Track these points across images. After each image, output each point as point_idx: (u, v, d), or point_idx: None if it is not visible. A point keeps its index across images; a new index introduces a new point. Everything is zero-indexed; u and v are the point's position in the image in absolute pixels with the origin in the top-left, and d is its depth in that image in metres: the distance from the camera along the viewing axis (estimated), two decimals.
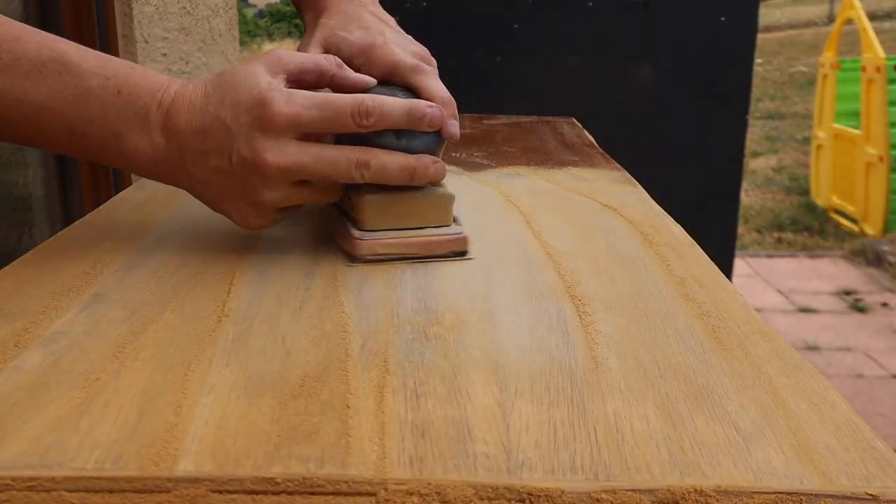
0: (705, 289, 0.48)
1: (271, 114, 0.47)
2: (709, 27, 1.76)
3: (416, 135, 0.51)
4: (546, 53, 1.78)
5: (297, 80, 0.50)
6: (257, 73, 0.49)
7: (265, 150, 0.48)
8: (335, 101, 0.49)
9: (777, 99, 7.16)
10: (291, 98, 0.48)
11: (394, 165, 0.50)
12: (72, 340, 0.39)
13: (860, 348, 2.67)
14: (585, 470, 0.30)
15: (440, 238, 0.52)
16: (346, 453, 0.30)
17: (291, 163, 0.48)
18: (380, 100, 0.49)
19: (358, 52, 0.56)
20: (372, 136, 0.50)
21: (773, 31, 9.99)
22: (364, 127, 0.49)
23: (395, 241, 0.51)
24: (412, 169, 0.51)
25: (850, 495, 0.29)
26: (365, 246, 0.51)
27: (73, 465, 0.29)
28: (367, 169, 0.49)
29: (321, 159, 0.49)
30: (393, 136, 0.50)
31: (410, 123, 0.50)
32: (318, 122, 0.48)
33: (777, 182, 4.83)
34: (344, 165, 0.49)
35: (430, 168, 0.51)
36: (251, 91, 0.48)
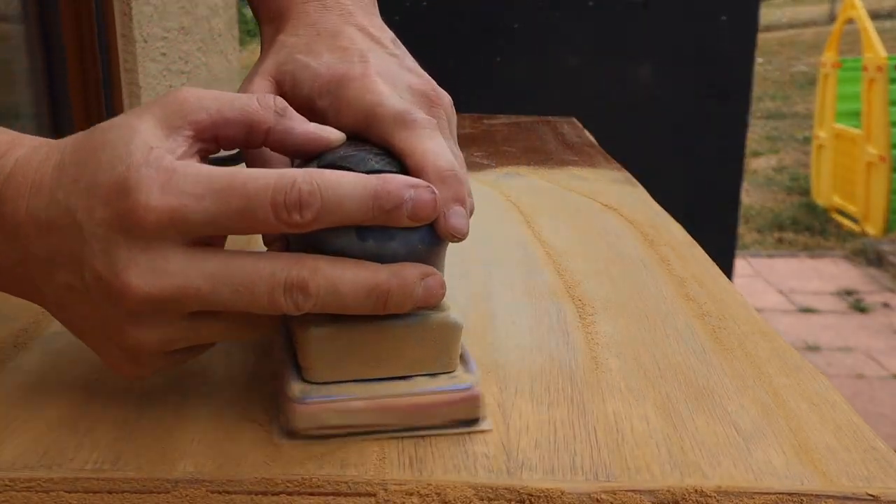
0: (705, 289, 0.48)
1: (136, 208, 0.30)
2: (709, 27, 1.76)
3: (393, 233, 0.32)
4: (546, 53, 1.78)
5: (211, 137, 0.33)
6: (138, 132, 0.31)
7: (126, 269, 0.30)
8: (245, 185, 0.30)
9: (778, 99, 7.16)
10: (171, 182, 0.30)
11: (351, 286, 0.31)
12: (72, 340, 0.39)
13: (861, 348, 2.66)
14: (585, 470, 0.30)
15: (435, 397, 0.33)
16: (345, 453, 0.30)
17: (172, 288, 0.30)
18: (324, 178, 0.30)
19: (324, 89, 0.38)
20: (324, 234, 0.31)
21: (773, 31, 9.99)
22: (297, 226, 0.30)
23: (361, 404, 0.32)
24: (384, 291, 0.31)
25: (851, 496, 0.29)
26: (307, 414, 0.32)
27: (72, 466, 0.29)
28: (305, 294, 0.30)
29: (225, 281, 0.30)
30: (354, 236, 0.31)
31: (379, 217, 0.31)
32: (215, 220, 0.30)
33: (778, 182, 4.83)
34: (264, 289, 0.30)
35: (417, 287, 0.32)
36: (115, 167, 0.30)
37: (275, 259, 0.31)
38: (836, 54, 4.10)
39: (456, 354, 0.34)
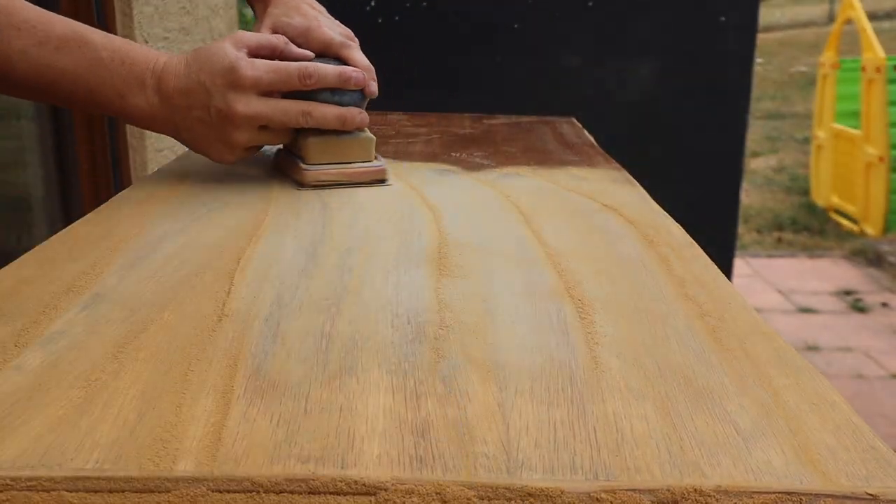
0: (705, 289, 0.48)
1: (240, 76, 0.64)
2: (709, 27, 1.76)
3: (346, 92, 0.70)
4: (546, 53, 1.78)
5: (255, 53, 0.67)
6: (226, 47, 0.66)
7: (236, 103, 0.65)
8: (286, 67, 0.67)
9: (777, 99, 7.16)
10: (254, 65, 0.65)
11: (330, 114, 0.69)
12: (72, 340, 0.39)
13: (860, 348, 2.67)
14: (585, 470, 0.30)
15: (365, 170, 0.71)
16: (346, 453, 0.30)
17: (256, 112, 0.66)
18: (318, 65, 0.68)
19: (299, 34, 0.73)
20: (313, 93, 0.68)
21: (773, 31, 9.98)
22: (307, 86, 0.68)
23: (332, 171, 0.70)
24: (343, 117, 0.69)
25: (850, 495, 0.29)
26: (310, 175, 0.69)
27: (72, 465, 0.29)
28: (311, 117, 0.68)
29: (277, 109, 0.67)
30: (329, 93, 0.69)
31: (341, 83, 0.69)
32: (274, 82, 0.66)
33: (777, 182, 4.83)
34: (293, 113, 0.67)
35: (357, 117, 0.70)
36: (223, 60, 0.65)
37: (299, 102, 0.68)
38: (835, 55, 4.11)
39: (373, 153, 0.72)
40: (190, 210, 0.61)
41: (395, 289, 0.47)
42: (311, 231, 0.57)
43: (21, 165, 1.23)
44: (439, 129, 1.02)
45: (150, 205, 0.63)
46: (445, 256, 0.52)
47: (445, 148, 0.89)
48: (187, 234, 0.56)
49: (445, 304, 0.44)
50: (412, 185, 0.72)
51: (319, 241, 0.55)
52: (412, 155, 0.85)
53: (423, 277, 0.49)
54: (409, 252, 0.53)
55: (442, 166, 0.80)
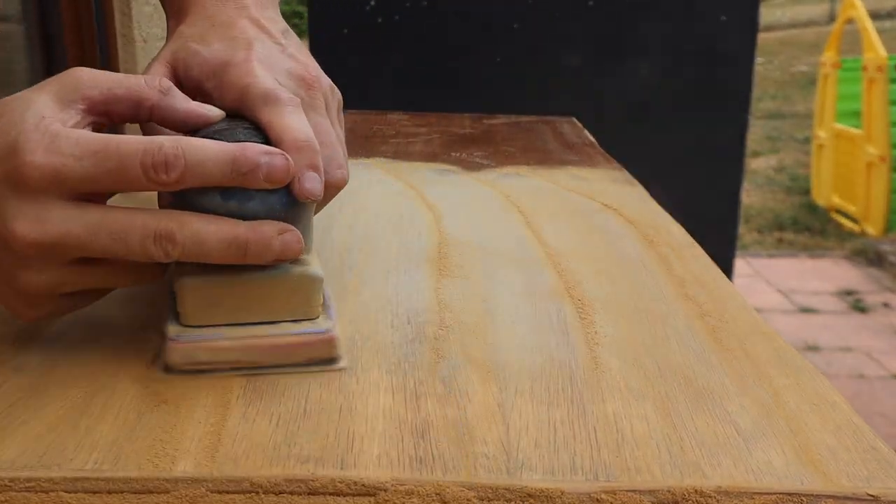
0: (705, 289, 0.48)
1: (23, 165, 0.34)
2: (709, 27, 1.76)
3: (252, 195, 0.36)
4: (546, 53, 1.78)
5: (103, 111, 0.38)
6: (34, 103, 0.36)
7: (14, 218, 0.35)
8: (118, 147, 0.35)
9: (778, 98, 7.16)
10: (54, 145, 0.35)
11: (213, 237, 0.35)
12: (71, 341, 0.39)
13: (861, 348, 2.66)
14: (585, 470, 0.30)
15: (295, 339, 0.37)
16: (345, 453, 0.30)
17: (54, 235, 0.35)
18: (187, 145, 0.35)
19: (210, 73, 0.43)
20: (193, 195, 0.36)
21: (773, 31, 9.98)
22: (164, 184, 0.35)
23: (227, 344, 0.37)
24: (242, 242, 0.36)
25: (851, 496, 0.29)
26: (179, 351, 0.36)
27: (71, 466, 0.29)
28: (172, 243, 0.35)
29: (101, 230, 0.35)
30: (218, 197, 0.36)
31: (237, 179, 0.36)
32: (92, 178, 0.35)
33: (778, 182, 4.83)
34: (136, 238, 0.35)
35: (275, 241, 0.36)
36: (9, 132, 0.35)
37: (147, 213, 0.36)
38: (836, 54, 4.10)
39: (317, 303, 0.38)
40: None
41: (395, 289, 0.47)
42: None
43: None
44: (439, 129, 1.02)
45: (150, 205, 0.63)
46: (445, 256, 0.52)
47: (445, 148, 0.89)
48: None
49: (445, 304, 0.44)
50: (412, 185, 0.72)
51: (320, 240, 0.55)
52: (412, 155, 0.85)
53: (423, 277, 0.48)
54: (409, 252, 0.53)
55: (442, 166, 0.80)
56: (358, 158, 0.82)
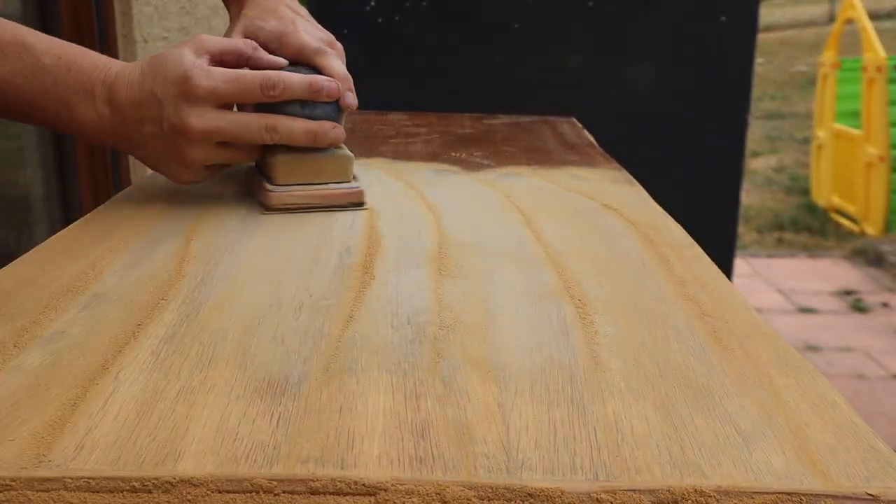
0: (705, 289, 0.48)
1: (193, 86, 0.57)
2: (709, 27, 1.76)
3: (318, 105, 0.61)
4: (546, 53, 1.78)
5: (219, 60, 0.60)
6: (184, 54, 0.58)
7: (189, 116, 0.57)
8: (246, 76, 0.59)
9: (777, 99, 7.16)
10: (210, 74, 0.58)
11: (299, 129, 0.61)
12: (71, 340, 0.39)
13: (861, 348, 2.67)
14: (585, 470, 0.30)
15: (339, 191, 0.62)
16: (346, 453, 0.30)
17: (211, 126, 0.58)
18: (284, 75, 0.60)
19: (272, 39, 0.66)
20: (282, 106, 0.60)
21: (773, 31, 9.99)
22: (271, 97, 0.59)
23: (301, 192, 0.61)
24: (314, 132, 0.61)
25: (851, 496, 0.29)
26: (275, 197, 0.61)
27: (73, 465, 0.29)
28: (276, 132, 0.60)
29: (236, 123, 0.59)
30: (298, 106, 0.61)
31: (311, 94, 0.61)
32: (233, 94, 0.59)
33: (777, 182, 4.83)
34: (256, 128, 0.60)
35: (331, 132, 0.62)
36: (177, 69, 0.57)
37: (260, 115, 0.60)
38: (835, 54, 4.10)
39: (351, 172, 0.64)
40: (190, 210, 0.61)
41: (394, 289, 0.47)
42: (312, 231, 0.57)
43: (21, 165, 1.23)
44: (439, 129, 1.02)
45: (150, 205, 0.63)
46: (445, 256, 0.52)
47: (445, 148, 0.89)
48: (187, 235, 0.56)
49: (445, 304, 0.44)
50: (412, 185, 0.72)
51: (320, 240, 0.55)
52: (412, 155, 0.85)
53: (423, 277, 0.48)
54: (409, 252, 0.53)
55: (442, 166, 0.80)
56: (358, 158, 0.82)
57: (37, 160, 1.24)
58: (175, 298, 0.45)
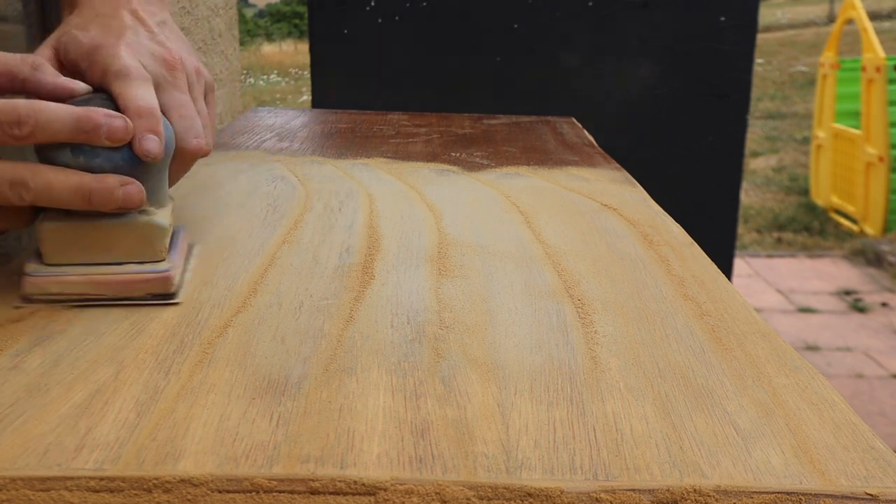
0: (705, 289, 0.48)
1: None
2: (709, 27, 1.76)
3: (99, 152, 0.43)
4: (546, 53, 1.78)
5: None
6: None
7: None
8: None
9: (777, 99, 7.17)
10: None
11: (62, 186, 0.42)
12: (72, 340, 0.39)
13: (860, 348, 2.67)
14: (585, 470, 0.30)
15: (135, 277, 0.44)
16: (345, 453, 0.30)
17: None
18: (39, 106, 0.42)
19: (84, 55, 0.49)
20: (48, 151, 0.43)
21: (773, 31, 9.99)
22: (18, 139, 0.42)
23: (77, 278, 0.43)
24: (87, 190, 0.42)
25: (850, 495, 0.29)
26: (33, 284, 0.43)
27: (73, 465, 0.29)
28: (26, 189, 0.42)
29: None
30: (68, 152, 0.43)
31: (80, 135, 0.42)
32: None
33: (777, 182, 4.83)
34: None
35: (117, 191, 0.43)
36: None
37: (5, 164, 0.42)
38: (835, 55, 4.11)
39: (161, 248, 0.45)
40: (190, 210, 0.61)
41: (395, 289, 0.47)
42: (311, 231, 0.57)
43: None
44: (439, 129, 1.02)
45: None
46: (445, 256, 0.52)
47: (445, 148, 0.89)
48: (189, 234, 0.56)
49: (445, 304, 0.44)
50: (412, 185, 0.72)
51: (319, 240, 0.55)
52: (412, 155, 0.85)
53: (423, 277, 0.49)
54: (409, 252, 0.53)
55: (442, 166, 0.80)
56: (358, 158, 0.82)
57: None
58: (175, 298, 0.45)
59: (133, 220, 0.44)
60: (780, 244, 3.81)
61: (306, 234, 0.56)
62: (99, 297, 0.43)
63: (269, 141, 0.91)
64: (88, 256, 0.44)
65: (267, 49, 15.13)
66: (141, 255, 0.44)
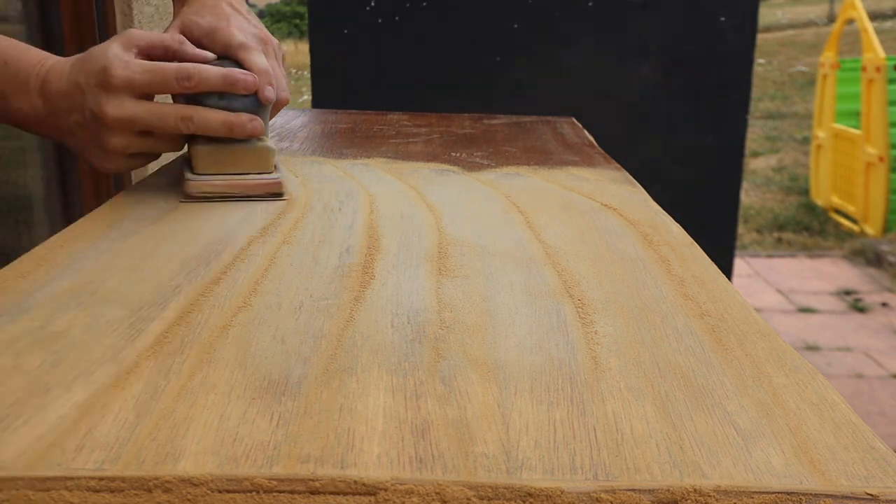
0: (705, 289, 0.48)
1: (111, 76, 0.61)
2: (709, 27, 1.76)
3: (236, 97, 0.64)
4: (546, 53, 1.78)
5: (147, 54, 0.64)
6: (111, 48, 0.62)
7: (106, 105, 0.61)
8: (163, 68, 0.62)
9: (777, 99, 7.17)
10: (128, 65, 0.61)
11: (214, 120, 0.63)
12: (72, 340, 0.39)
13: (860, 348, 2.67)
14: (585, 470, 0.30)
15: (257, 182, 0.64)
16: (345, 453, 0.30)
17: (127, 114, 0.61)
18: (201, 67, 0.62)
19: (204, 34, 0.68)
20: (201, 98, 0.63)
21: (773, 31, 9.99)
22: (186, 88, 0.62)
23: (219, 182, 0.63)
24: (230, 123, 0.63)
25: (850, 495, 0.29)
26: (192, 185, 0.63)
27: (73, 465, 0.29)
28: (191, 122, 0.63)
29: (152, 112, 0.62)
30: (216, 98, 0.63)
31: (227, 87, 0.63)
32: (148, 84, 0.62)
33: (777, 182, 4.83)
34: (171, 118, 0.62)
35: (247, 124, 0.64)
36: (100, 61, 0.61)
37: (178, 105, 0.63)
38: (835, 55, 4.11)
39: (271, 164, 0.66)
40: (191, 210, 0.61)
41: (395, 289, 0.47)
42: (311, 231, 0.57)
43: (21, 165, 1.23)
44: (439, 129, 1.02)
45: (151, 204, 0.63)
46: (445, 256, 0.52)
47: (445, 148, 0.89)
48: (188, 234, 0.56)
49: (445, 303, 0.44)
50: (412, 185, 0.72)
51: (319, 240, 0.55)
52: (412, 155, 0.85)
53: (423, 277, 0.49)
54: (409, 252, 0.53)
55: (442, 166, 0.80)
56: (358, 158, 0.82)
57: (37, 160, 1.24)
58: (175, 298, 0.45)
59: (255, 145, 0.65)
60: (780, 244, 3.81)
61: (306, 234, 0.56)
62: (236, 195, 0.63)
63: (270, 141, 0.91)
64: (226, 168, 0.64)
65: None
66: (259, 167, 0.65)
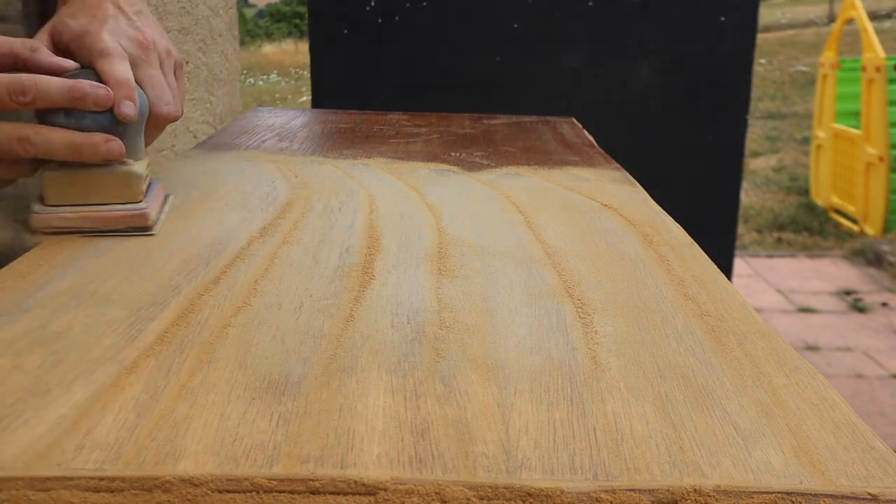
0: (705, 289, 0.48)
1: None
2: (709, 27, 1.76)
3: (86, 114, 0.54)
4: (546, 53, 1.78)
5: None
6: None
7: None
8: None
9: (777, 99, 7.17)
10: None
11: (58, 141, 0.53)
12: (72, 340, 0.39)
13: (860, 348, 2.67)
14: (585, 470, 0.30)
15: (117, 213, 0.55)
16: (345, 453, 0.30)
17: None
18: (38, 78, 0.53)
19: (73, 38, 0.59)
20: (46, 115, 0.54)
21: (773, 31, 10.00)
22: (22, 104, 0.52)
23: (70, 215, 0.54)
24: (77, 145, 0.53)
25: (850, 495, 0.29)
26: (38, 219, 0.55)
27: (73, 465, 0.29)
28: (29, 143, 0.53)
29: None
30: (62, 115, 0.54)
31: (72, 102, 0.53)
32: None
33: (777, 182, 4.83)
34: (6, 140, 0.53)
35: (101, 146, 0.54)
36: None
37: (13, 123, 0.53)
38: (835, 55, 4.11)
39: (139, 192, 0.56)
40: (191, 210, 0.61)
41: (394, 289, 0.47)
42: (311, 230, 0.57)
43: None
44: (439, 129, 1.02)
45: None
46: (445, 256, 0.52)
47: (445, 148, 0.89)
48: (189, 234, 0.56)
49: (445, 303, 0.44)
50: (412, 185, 0.72)
51: (319, 240, 0.55)
52: (412, 155, 0.85)
53: (423, 277, 0.49)
54: (409, 252, 0.53)
55: (442, 166, 0.80)
56: (358, 158, 0.82)
57: None
58: (175, 298, 0.45)
59: (115, 170, 0.55)
60: (780, 244, 3.81)
61: (306, 234, 0.56)
62: (90, 229, 0.54)
63: (270, 141, 0.91)
64: (81, 198, 0.55)
65: (267, 49, 15.14)
66: (122, 197, 0.55)
